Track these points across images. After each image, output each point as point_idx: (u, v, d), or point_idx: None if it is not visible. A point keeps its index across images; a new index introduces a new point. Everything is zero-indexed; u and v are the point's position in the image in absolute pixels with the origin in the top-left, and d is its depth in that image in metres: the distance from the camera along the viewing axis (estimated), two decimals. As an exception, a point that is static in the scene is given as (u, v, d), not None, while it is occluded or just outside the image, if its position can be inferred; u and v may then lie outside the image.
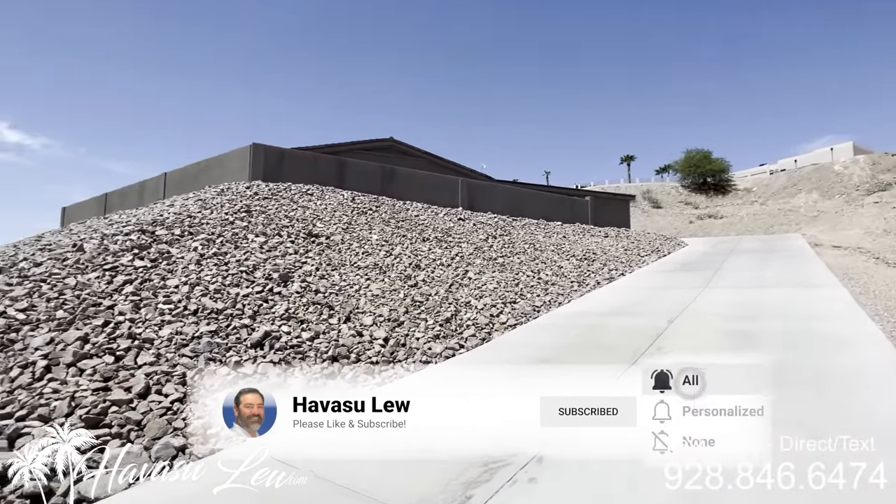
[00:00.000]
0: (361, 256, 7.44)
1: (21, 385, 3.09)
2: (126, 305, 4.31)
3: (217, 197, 8.72)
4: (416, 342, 4.95)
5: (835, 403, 3.29)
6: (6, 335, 3.62)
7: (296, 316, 4.85)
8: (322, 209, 9.35)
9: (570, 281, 8.81)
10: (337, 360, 4.19)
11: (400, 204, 11.61)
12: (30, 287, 4.39)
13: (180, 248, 5.95)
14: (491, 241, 10.64)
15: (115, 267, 5.05)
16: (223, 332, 4.21)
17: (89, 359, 3.46)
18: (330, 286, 5.92)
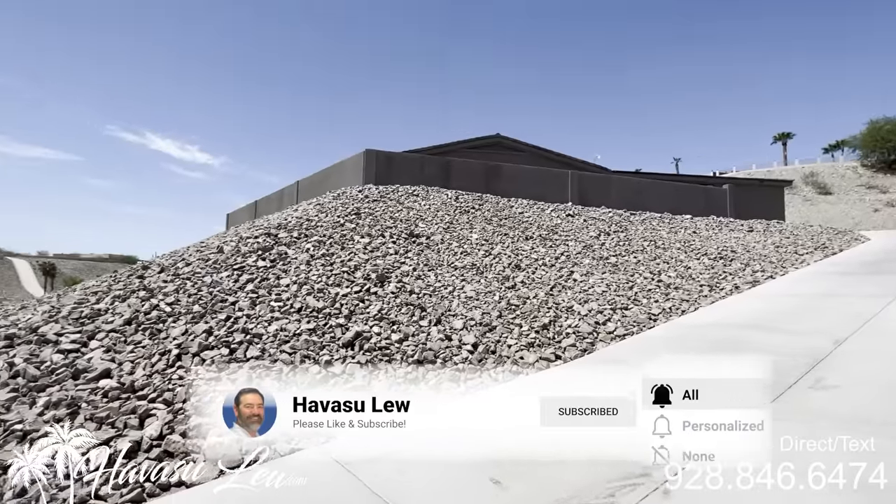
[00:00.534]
0: (459, 256, 7.35)
1: (157, 370, 3.63)
2: (245, 302, 4.84)
3: (333, 201, 9.47)
4: (507, 350, 4.66)
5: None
6: (155, 325, 4.31)
7: (388, 317, 4.93)
8: (425, 209, 9.54)
9: (699, 284, 7.56)
10: (422, 365, 4.12)
11: (504, 201, 11.30)
12: (178, 283, 5.20)
13: (296, 249, 6.54)
14: (603, 239, 9.73)
15: (242, 266, 5.74)
16: (320, 330, 4.45)
17: (210, 350, 3.93)
18: (425, 287, 5.93)
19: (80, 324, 4.30)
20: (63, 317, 4.45)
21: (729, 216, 14.08)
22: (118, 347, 3.90)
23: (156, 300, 4.76)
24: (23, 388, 3.31)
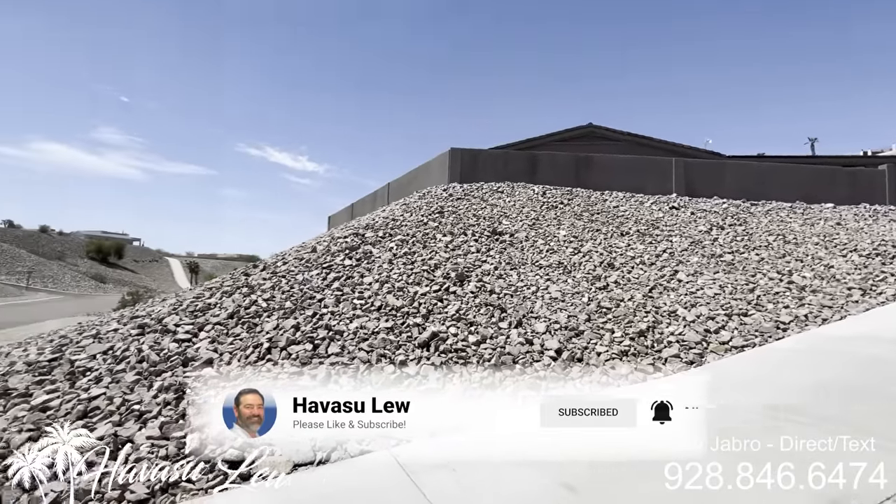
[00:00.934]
0: (545, 254, 6.93)
1: (250, 362, 3.89)
2: (330, 299, 5.04)
3: (418, 200, 9.61)
4: (596, 358, 4.20)
5: None
6: (252, 319, 4.67)
7: (465, 317, 4.76)
8: (510, 206, 9.22)
9: (846, 287, 6.19)
10: (500, 370, 3.88)
11: (596, 195, 10.50)
12: (274, 281, 5.60)
13: (380, 248, 6.70)
14: (715, 233, 8.51)
15: (331, 265, 6.02)
16: (397, 329, 4.44)
17: (296, 345, 4.13)
18: (506, 286, 5.66)
19: (194, 316, 4.83)
20: (182, 309, 5.04)
21: (888, 203, 11.47)
22: (221, 339, 4.28)
23: (255, 296, 5.17)
24: (145, 373, 3.77)
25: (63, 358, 4.19)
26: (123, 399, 3.38)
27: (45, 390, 3.62)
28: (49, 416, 3.25)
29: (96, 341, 4.54)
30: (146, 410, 3.23)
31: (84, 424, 3.08)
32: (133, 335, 4.48)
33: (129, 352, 4.11)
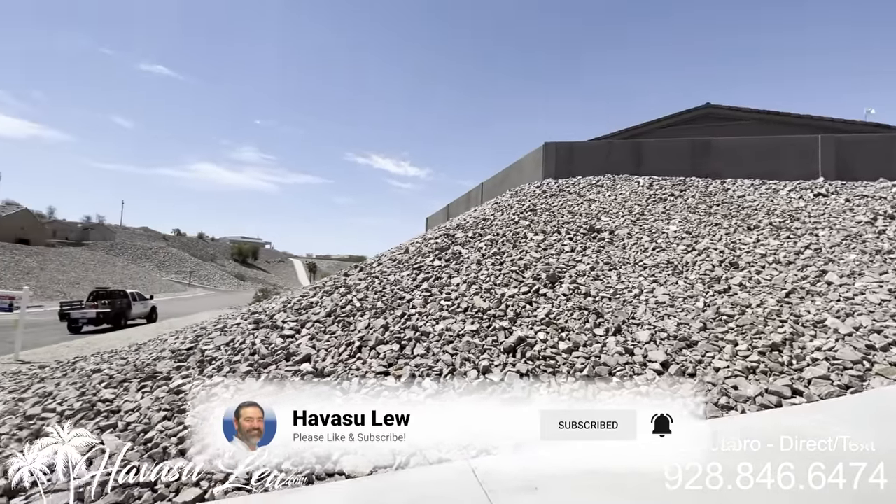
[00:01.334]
0: (651, 253, 6.22)
1: (342, 359, 4.08)
2: (419, 300, 5.09)
3: (510, 199, 9.37)
4: (714, 374, 3.59)
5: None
6: (347, 318, 4.91)
7: (556, 322, 4.44)
8: (610, 200, 8.51)
9: None
10: (593, 381, 3.52)
11: (716, 184, 9.19)
12: (369, 281, 5.86)
13: (469, 248, 6.63)
14: (882, 224, 6.86)
15: (421, 266, 6.11)
16: (483, 332, 4.30)
17: (384, 344, 4.23)
18: (603, 289, 5.18)
19: (298, 313, 5.25)
20: (290, 307, 5.52)
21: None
22: (319, 336, 4.58)
23: (351, 296, 5.45)
24: (255, 365, 4.18)
25: (197, 347, 4.85)
26: (237, 388, 3.76)
27: (181, 375, 4.21)
28: (181, 398, 3.76)
29: (222, 334, 5.18)
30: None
31: (206, 408, 3.50)
32: (250, 329, 5.02)
33: (244, 345, 4.60)
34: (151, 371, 4.39)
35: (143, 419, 3.47)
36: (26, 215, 42.59)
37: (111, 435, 3.34)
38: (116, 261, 45.74)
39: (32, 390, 4.97)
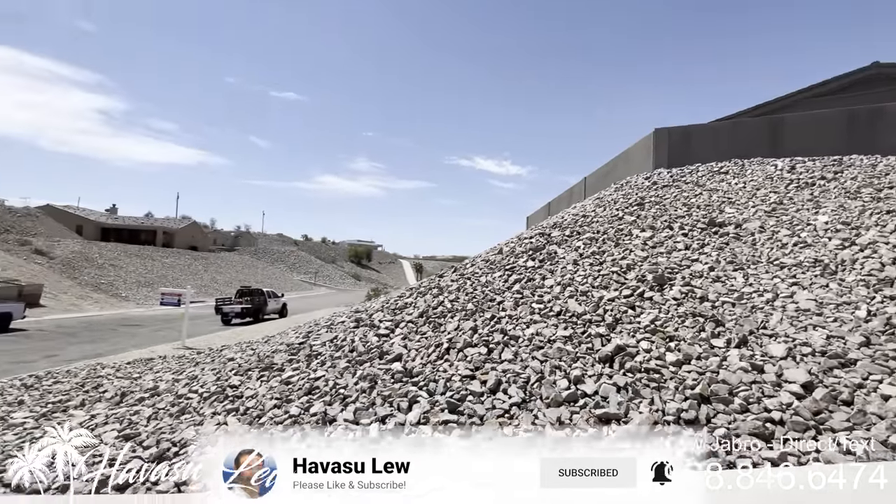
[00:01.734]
0: (790, 249, 5.20)
1: (430, 360, 4.12)
2: (509, 302, 4.93)
3: (613, 193, 8.66)
4: (879, 405, 2.83)
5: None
6: (438, 319, 4.97)
7: (663, 329, 3.92)
8: (737, 189, 7.35)
9: None
10: (708, 403, 3.02)
11: (887, 162, 7.37)
12: (461, 283, 5.86)
13: (566, 248, 6.26)
14: None
15: (513, 267, 5.93)
16: (577, 338, 3.99)
17: (472, 347, 4.17)
18: (725, 292, 4.45)
19: (394, 313, 5.46)
20: (387, 307, 5.79)
21: None
22: (411, 336, 4.70)
23: (443, 297, 5.51)
24: (353, 361, 4.44)
25: (307, 343, 5.34)
26: (335, 382, 4.03)
27: (292, 367, 4.66)
28: (289, 388, 4.15)
29: (328, 331, 5.64)
30: (348, 395, 3.77)
31: (308, 400, 3.81)
32: (351, 328, 5.37)
33: (345, 342, 4.93)
34: (269, 362, 4.94)
35: (258, 406, 3.91)
36: (195, 227, 51.98)
37: (233, 417, 3.82)
38: (258, 263, 53.31)
39: (186, 373, 5.96)
